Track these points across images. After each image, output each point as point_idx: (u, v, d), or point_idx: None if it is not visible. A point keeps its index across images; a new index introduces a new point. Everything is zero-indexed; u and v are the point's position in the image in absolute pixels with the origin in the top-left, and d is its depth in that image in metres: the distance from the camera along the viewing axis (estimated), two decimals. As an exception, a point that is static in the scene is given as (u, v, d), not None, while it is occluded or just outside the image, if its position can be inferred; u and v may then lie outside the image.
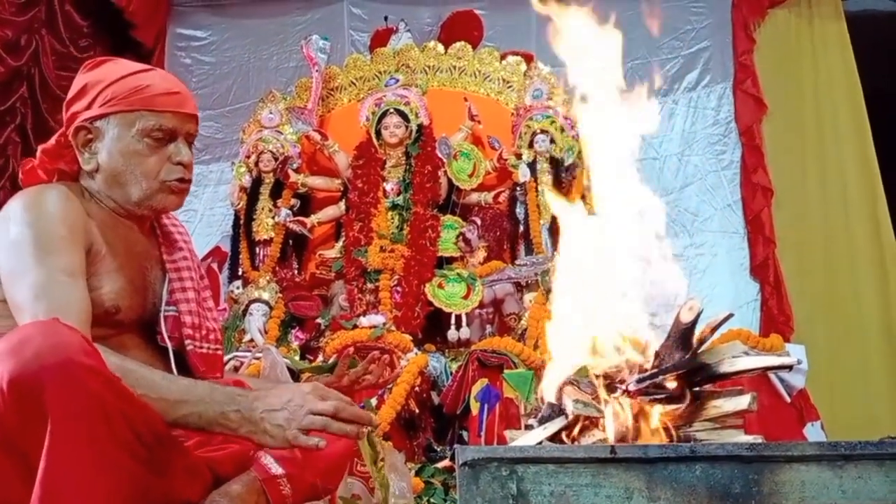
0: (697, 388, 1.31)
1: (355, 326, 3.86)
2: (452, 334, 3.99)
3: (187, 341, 1.51)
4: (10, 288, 1.35)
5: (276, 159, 4.56)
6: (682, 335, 1.31)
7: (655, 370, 1.31)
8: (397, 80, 4.63)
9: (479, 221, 4.36)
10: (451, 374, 3.67)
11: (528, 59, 4.78)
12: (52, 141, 1.54)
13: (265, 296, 4.21)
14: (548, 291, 3.78)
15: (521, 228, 4.33)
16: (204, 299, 1.59)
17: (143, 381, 1.25)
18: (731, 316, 1.37)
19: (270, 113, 4.69)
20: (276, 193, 4.57)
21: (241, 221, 4.59)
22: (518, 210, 4.36)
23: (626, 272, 1.46)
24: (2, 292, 1.37)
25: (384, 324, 3.83)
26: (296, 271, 4.51)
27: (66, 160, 1.52)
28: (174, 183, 1.50)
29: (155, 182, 1.49)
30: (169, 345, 1.49)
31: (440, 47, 4.84)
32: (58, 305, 1.28)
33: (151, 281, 1.53)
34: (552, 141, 4.37)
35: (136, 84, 1.49)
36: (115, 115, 1.47)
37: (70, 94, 1.54)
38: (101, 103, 1.47)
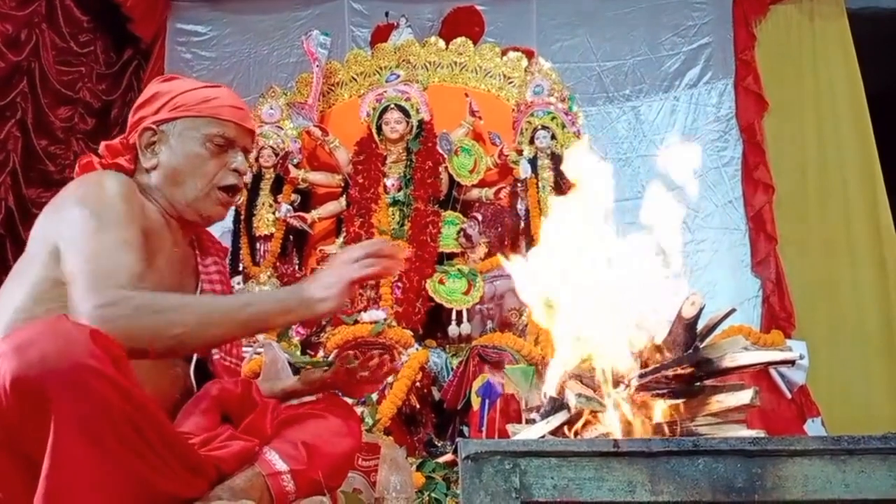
0: (700, 383, 1.31)
1: (356, 322, 3.85)
2: (453, 330, 3.99)
3: (214, 350, 1.54)
4: (66, 264, 1.36)
5: (276, 155, 4.55)
6: (685, 330, 1.31)
7: (658, 365, 1.31)
8: (398, 76, 4.62)
9: (480, 217, 4.35)
10: (452, 369, 3.67)
11: (529, 55, 4.78)
12: (116, 140, 1.60)
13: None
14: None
15: (522, 224, 4.34)
16: None
17: (204, 304, 1.41)
18: (733, 311, 1.36)
19: (271, 108, 4.68)
20: (276, 189, 4.57)
21: (242, 217, 4.59)
22: (519, 206, 4.37)
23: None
24: (59, 272, 1.38)
25: (385, 319, 3.82)
26: (296, 267, 4.50)
27: (126, 159, 1.57)
28: (223, 195, 1.57)
29: (209, 185, 1.55)
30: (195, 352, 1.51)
31: (441, 43, 4.84)
32: (105, 270, 1.31)
33: (185, 287, 1.56)
34: (553, 137, 4.37)
35: (204, 95, 1.58)
36: (182, 119, 1.55)
37: (139, 100, 1.61)
38: (170, 109, 1.56)
